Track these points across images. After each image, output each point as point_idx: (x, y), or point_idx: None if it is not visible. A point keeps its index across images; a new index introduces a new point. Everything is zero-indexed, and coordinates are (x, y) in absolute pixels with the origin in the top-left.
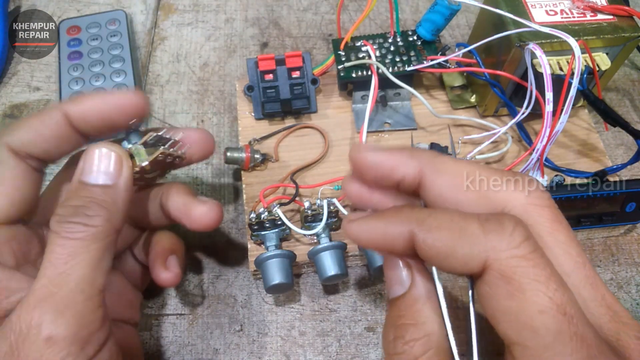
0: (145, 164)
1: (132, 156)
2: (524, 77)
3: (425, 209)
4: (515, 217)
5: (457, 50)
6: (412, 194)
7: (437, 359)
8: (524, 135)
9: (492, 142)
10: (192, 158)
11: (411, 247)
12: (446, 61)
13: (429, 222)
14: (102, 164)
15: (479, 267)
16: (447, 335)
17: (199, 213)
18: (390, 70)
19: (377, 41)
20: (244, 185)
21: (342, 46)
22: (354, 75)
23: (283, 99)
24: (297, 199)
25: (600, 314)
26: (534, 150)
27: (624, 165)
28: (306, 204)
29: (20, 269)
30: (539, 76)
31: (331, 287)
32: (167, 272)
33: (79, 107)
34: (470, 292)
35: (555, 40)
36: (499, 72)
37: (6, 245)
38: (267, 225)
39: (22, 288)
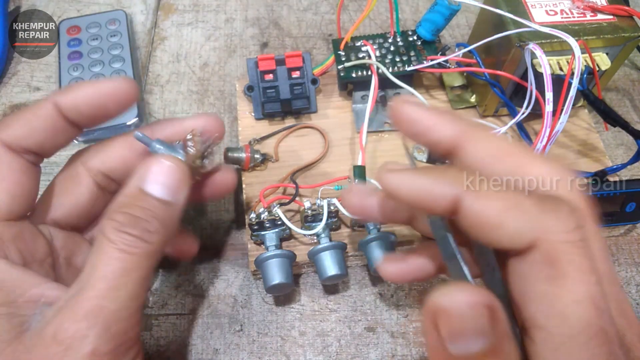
0: (208, 168)
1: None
2: (524, 77)
3: (475, 174)
4: (570, 204)
5: (457, 50)
6: (444, 157)
7: None
8: (524, 135)
9: None
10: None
11: (451, 212)
12: (446, 61)
13: (480, 188)
14: (166, 178)
15: (527, 244)
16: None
17: (217, 178)
18: (390, 70)
19: (377, 41)
20: (244, 185)
21: (342, 46)
22: (354, 75)
23: (283, 99)
24: (297, 199)
25: (612, 308)
26: (534, 150)
27: (624, 165)
28: (306, 204)
29: (27, 267)
30: (539, 76)
31: (331, 287)
32: (186, 242)
33: (70, 97)
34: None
35: (555, 40)
36: (499, 72)
37: (12, 243)
38: (267, 225)
39: (36, 284)
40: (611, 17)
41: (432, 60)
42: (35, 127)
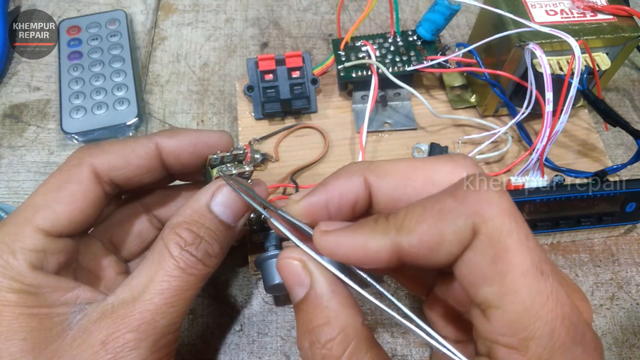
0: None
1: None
2: (524, 77)
3: (399, 213)
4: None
5: (457, 50)
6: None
7: (360, 350)
8: (524, 135)
9: (492, 142)
10: None
11: (396, 258)
12: (446, 61)
13: (407, 224)
14: (234, 203)
15: (470, 236)
16: (363, 321)
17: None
18: (390, 70)
19: (377, 41)
20: None
21: (342, 46)
22: (354, 75)
23: (283, 99)
24: None
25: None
26: (534, 150)
27: (624, 165)
28: None
29: (60, 273)
30: (539, 76)
31: None
32: None
33: (174, 142)
34: None
35: (555, 40)
36: (499, 72)
37: (54, 256)
38: (267, 225)
39: (70, 288)
40: (611, 17)
41: (432, 60)
42: (130, 163)
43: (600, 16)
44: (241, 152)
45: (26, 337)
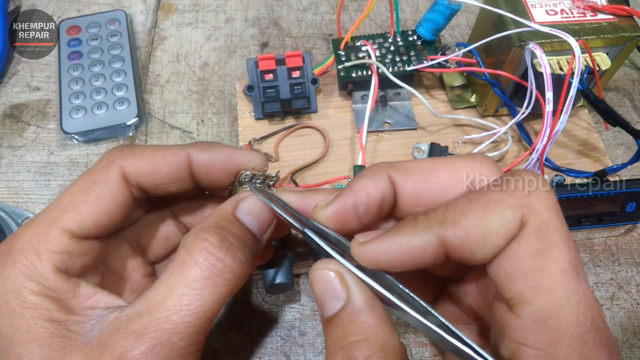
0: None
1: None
2: (524, 77)
3: (439, 208)
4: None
5: (457, 50)
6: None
7: None
8: (524, 135)
9: (492, 142)
10: None
11: (442, 255)
12: (446, 61)
13: (451, 216)
14: (260, 213)
15: (518, 227)
16: (399, 339)
17: None
18: (390, 70)
19: (377, 41)
20: None
21: (342, 46)
22: (354, 75)
23: (283, 98)
24: None
25: None
26: (534, 150)
27: (624, 165)
28: None
29: (84, 275)
30: (539, 76)
31: None
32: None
33: (206, 156)
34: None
35: (556, 40)
36: (499, 72)
37: (79, 258)
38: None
39: (91, 294)
40: (611, 16)
41: (432, 60)
42: (160, 170)
43: (600, 16)
44: (273, 176)
45: (44, 342)
